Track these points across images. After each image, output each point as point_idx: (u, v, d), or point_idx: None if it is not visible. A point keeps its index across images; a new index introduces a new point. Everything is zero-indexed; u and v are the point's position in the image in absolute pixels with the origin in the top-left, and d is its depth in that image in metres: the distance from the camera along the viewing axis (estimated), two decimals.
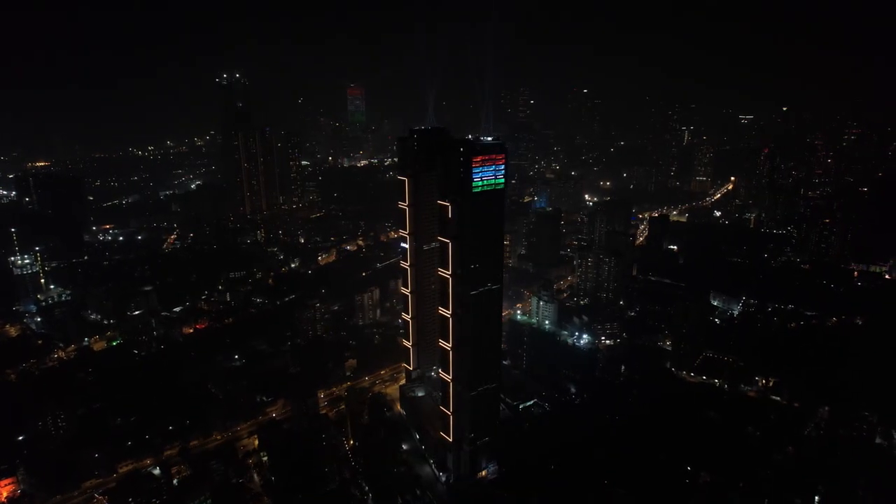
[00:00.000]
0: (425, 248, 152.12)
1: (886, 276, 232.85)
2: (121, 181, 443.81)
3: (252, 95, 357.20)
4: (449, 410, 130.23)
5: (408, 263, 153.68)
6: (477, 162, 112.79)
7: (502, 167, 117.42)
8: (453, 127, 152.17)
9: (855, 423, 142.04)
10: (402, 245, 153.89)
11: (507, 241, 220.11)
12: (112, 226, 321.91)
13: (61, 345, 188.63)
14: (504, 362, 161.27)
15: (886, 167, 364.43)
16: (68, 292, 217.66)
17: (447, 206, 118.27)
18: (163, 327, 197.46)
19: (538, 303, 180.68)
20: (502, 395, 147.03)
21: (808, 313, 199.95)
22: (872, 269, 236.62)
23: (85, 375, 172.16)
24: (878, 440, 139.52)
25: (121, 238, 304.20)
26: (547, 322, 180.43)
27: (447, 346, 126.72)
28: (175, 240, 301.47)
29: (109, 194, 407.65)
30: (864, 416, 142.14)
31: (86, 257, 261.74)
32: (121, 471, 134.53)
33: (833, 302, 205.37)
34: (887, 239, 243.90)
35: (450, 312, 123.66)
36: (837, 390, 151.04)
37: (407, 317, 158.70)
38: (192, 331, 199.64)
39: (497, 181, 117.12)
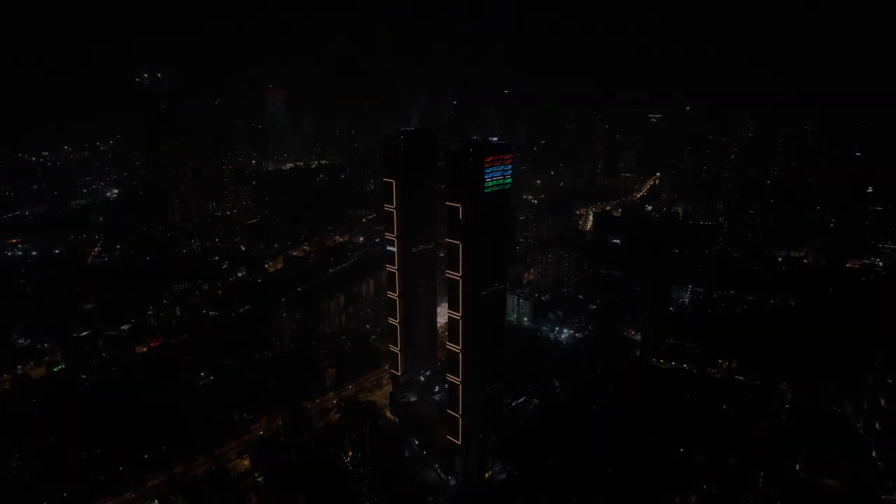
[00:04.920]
0: (413, 250, 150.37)
1: (805, 261, 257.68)
2: (17, 190, 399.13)
3: (176, 97, 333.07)
4: (458, 413, 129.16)
5: (395, 267, 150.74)
6: (489, 162, 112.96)
7: (509, 167, 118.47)
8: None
9: (814, 395, 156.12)
10: (389, 248, 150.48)
11: None
12: (19, 240, 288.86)
13: None
14: None
15: (779, 162, 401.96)
16: None
17: (457, 208, 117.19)
18: (111, 348, 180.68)
19: (517, 300, 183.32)
20: None
21: (749, 297, 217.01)
22: (793, 254, 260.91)
23: (28, 407, 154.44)
24: (834, 408, 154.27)
25: (34, 253, 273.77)
26: (525, 319, 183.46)
27: (456, 348, 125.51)
28: (100, 252, 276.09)
29: (5, 205, 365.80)
30: (820, 387, 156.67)
31: None
32: None
33: (766, 286, 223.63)
34: (797, 226, 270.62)
35: (460, 314, 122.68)
36: (790, 366, 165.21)
37: (394, 321, 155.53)
38: (145, 349, 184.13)
39: (505, 181, 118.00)
